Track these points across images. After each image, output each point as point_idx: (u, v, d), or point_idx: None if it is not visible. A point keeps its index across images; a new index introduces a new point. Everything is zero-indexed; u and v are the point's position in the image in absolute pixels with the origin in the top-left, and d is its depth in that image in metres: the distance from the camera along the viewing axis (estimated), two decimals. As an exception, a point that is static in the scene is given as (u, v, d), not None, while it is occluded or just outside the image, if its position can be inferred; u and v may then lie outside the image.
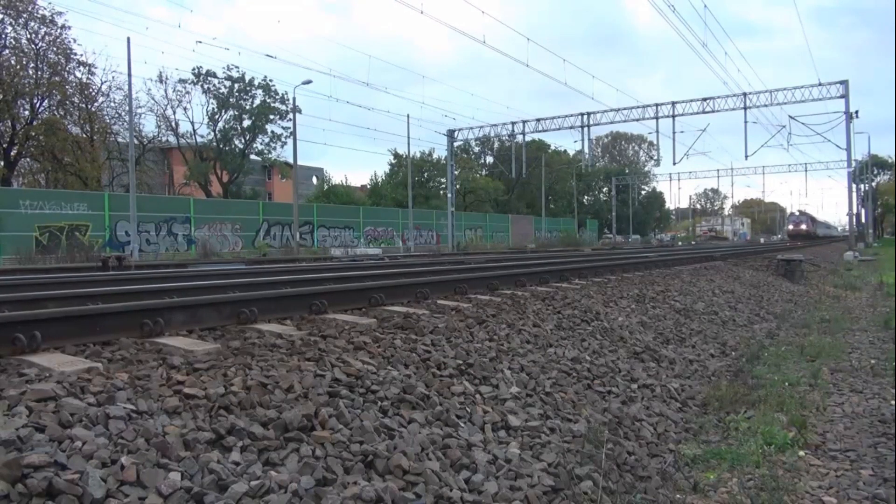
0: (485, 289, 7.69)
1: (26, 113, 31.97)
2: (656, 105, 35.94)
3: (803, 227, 62.69)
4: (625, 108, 37.00)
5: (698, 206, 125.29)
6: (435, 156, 55.92)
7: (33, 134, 31.32)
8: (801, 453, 4.37)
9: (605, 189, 79.88)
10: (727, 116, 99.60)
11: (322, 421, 3.10)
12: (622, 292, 9.03)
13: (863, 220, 62.68)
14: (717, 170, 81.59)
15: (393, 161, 55.76)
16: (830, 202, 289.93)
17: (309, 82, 32.38)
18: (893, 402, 5.47)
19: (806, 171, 58.42)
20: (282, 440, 2.88)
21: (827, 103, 33.15)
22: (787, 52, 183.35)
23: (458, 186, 50.83)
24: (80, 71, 33.09)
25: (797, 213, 69.07)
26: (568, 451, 3.79)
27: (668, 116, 35.40)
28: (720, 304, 10.82)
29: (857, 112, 33.13)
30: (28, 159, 34.07)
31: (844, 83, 31.97)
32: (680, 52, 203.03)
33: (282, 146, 45.51)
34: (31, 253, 21.99)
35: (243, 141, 45.31)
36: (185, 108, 50.36)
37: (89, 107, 34.13)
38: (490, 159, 68.45)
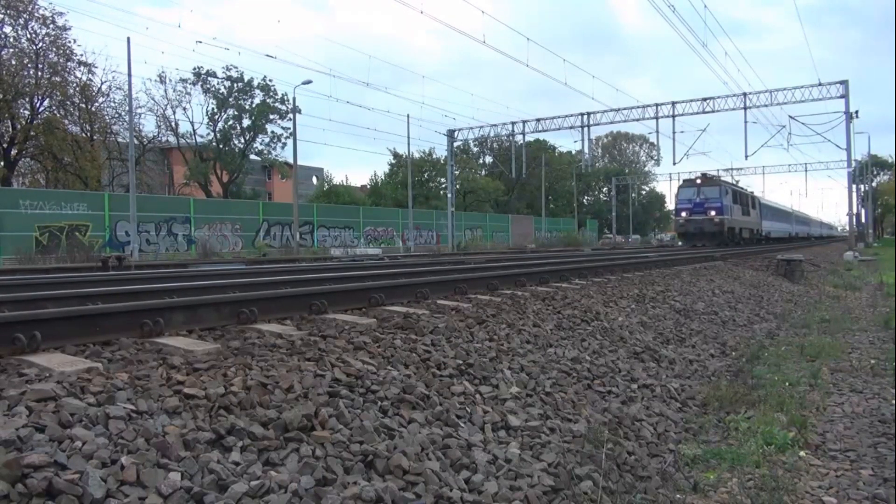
0: (485, 289, 7.69)
1: (26, 113, 31.96)
2: (656, 105, 35.89)
3: (712, 213, 30.82)
4: (625, 108, 36.94)
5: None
6: (435, 156, 55.98)
7: (33, 134, 31.32)
8: (802, 453, 4.37)
9: (605, 189, 79.88)
10: (727, 116, 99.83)
11: (322, 421, 3.10)
12: (622, 292, 9.03)
13: (863, 220, 62.35)
14: (717, 170, 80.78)
15: (393, 161, 55.81)
16: (830, 202, 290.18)
17: (309, 82, 32.41)
18: (893, 402, 5.47)
19: (806, 171, 57.97)
20: (282, 440, 2.88)
21: (827, 103, 33.13)
22: (787, 52, 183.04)
23: (458, 186, 50.82)
24: (80, 71, 33.16)
25: (696, 184, 32.47)
26: (568, 451, 3.79)
27: (667, 116, 35.35)
28: (720, 304, 10.82)
29: (857, 112, 33.06)
30: (28, 159, 34.08)
31: (844, 83, 31.92)
32: (676, 52, 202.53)
33: (282, 146, 45.55)
34: (31, 253, 21.98)
35: (243, 141, 45.29)
36: (184, 109, 50.33)
37: (89, 107, 34.13)
38: (490, 159, 68.43)
